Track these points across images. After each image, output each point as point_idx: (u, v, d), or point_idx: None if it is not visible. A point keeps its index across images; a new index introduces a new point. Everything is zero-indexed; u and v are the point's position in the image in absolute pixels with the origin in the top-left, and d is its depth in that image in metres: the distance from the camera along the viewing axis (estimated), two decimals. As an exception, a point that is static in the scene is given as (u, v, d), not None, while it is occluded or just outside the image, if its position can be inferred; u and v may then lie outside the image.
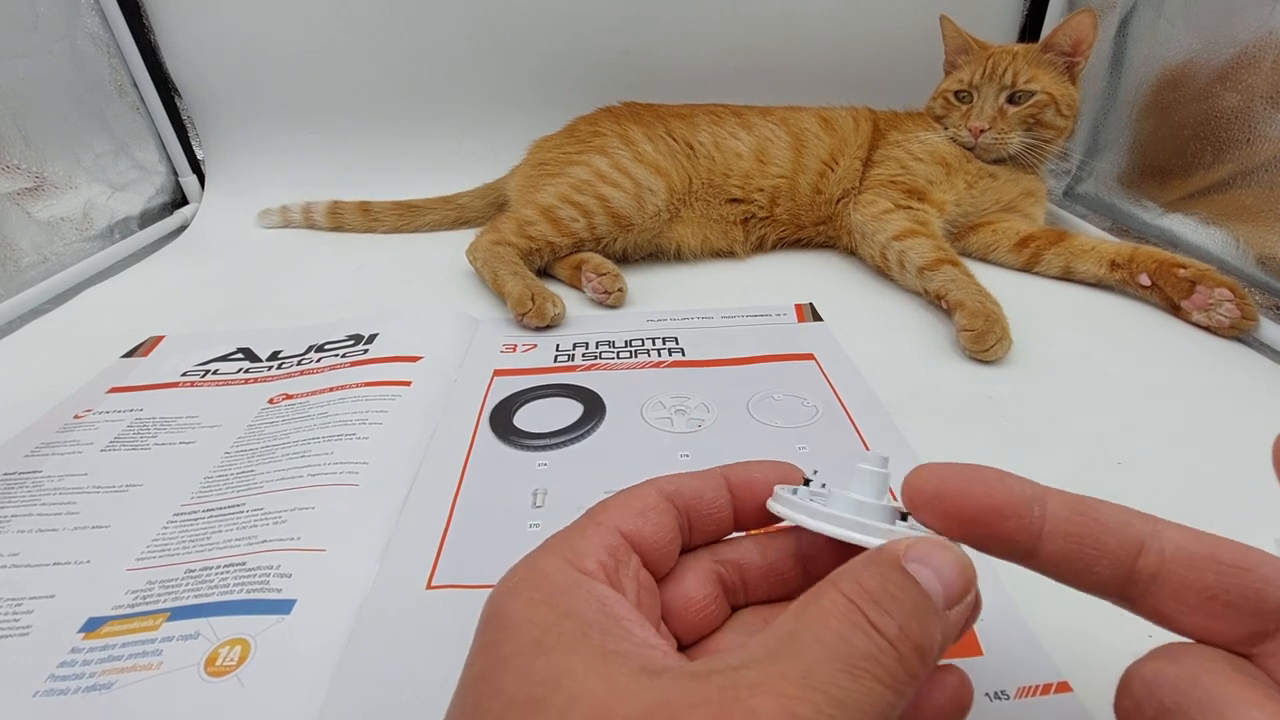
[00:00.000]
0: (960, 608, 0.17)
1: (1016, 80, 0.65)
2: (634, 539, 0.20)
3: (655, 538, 0.20)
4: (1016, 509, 0.19)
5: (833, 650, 0.15)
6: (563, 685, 0.15)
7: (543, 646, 0.16)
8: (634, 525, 0.20)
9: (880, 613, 0.16)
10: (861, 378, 0.46)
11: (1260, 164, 0.58)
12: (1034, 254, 0.63)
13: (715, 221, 0.69)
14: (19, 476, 0.39)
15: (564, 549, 0.19)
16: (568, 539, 0.19)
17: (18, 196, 0.68)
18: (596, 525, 0.20)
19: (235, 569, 0.31)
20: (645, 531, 0.20)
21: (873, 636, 0.16)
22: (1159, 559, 0.17)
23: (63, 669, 0.27)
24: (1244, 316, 0.50)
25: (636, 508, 0.21)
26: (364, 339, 0.52)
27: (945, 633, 0.17)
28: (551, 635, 0.16)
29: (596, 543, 0.19)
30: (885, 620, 0.16)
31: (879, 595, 0.16)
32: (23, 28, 0.71)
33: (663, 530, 0.21)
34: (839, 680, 0.15)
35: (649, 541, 0.20)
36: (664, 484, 0.22)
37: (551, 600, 0.17)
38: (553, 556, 0.18)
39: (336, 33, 0.83)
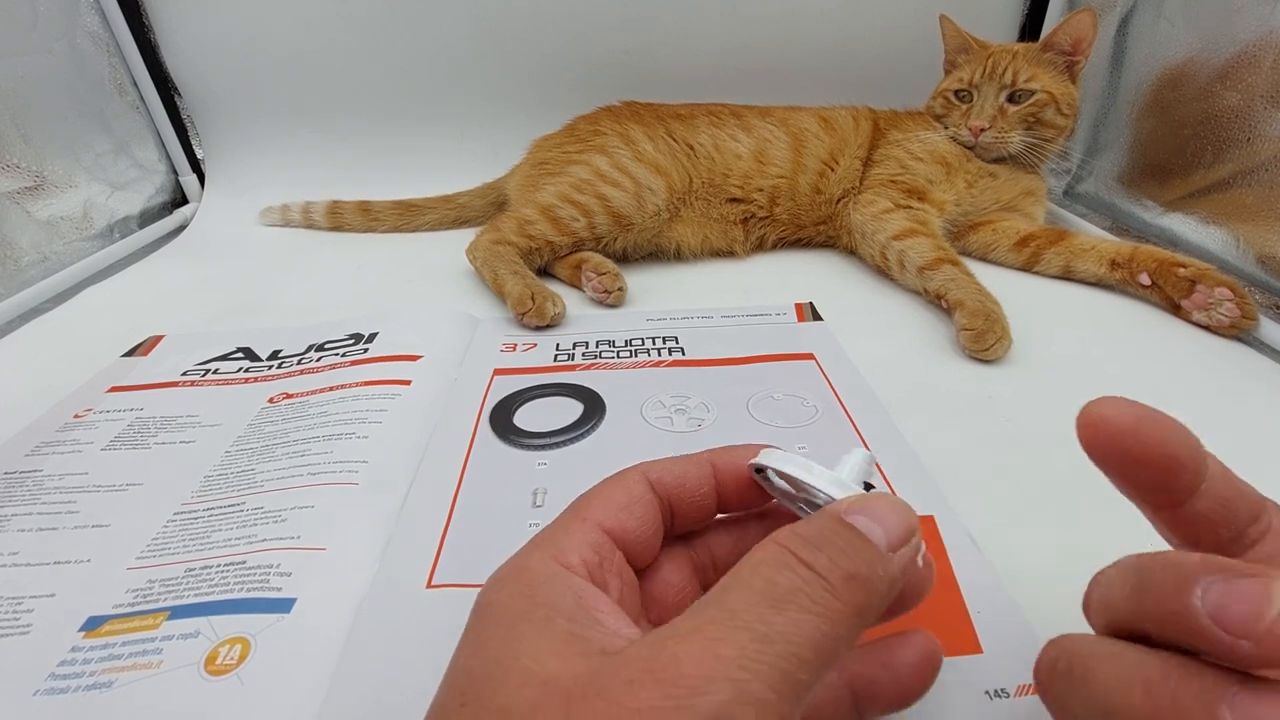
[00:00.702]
0: (905, 550, 0.17)
1: (1016, 79, 0.65)
2: (617, 534, 0.20)
3: (638, 532, 0.21)
4: (1193, 463, 0.20)
5: (758, 591, 0.16)
6: (520, 661, 0.16)
7: (513, 631, 0.17)
8: (617, 520, 0.20)
9: (811, 550, 0.16)
10: (861, 377, 0.46)
11: (1260, 163, 0.58)
12: (1034, 253, 0.63)
13: (715, 221, 0.69)
14: (19, 475, 0.39)
15: (549, 545, 0.19)
16: (554, 536, 0.20)
17: (17, 195, 0.68)
18: (581, 522, 0.20)
19: (235, 568, 0.31)
20: (628, 526, 0.21)
21: (799, 571, 0.16)
22: (1266, 527, 0.19)
23: (63, 668, 0.27)
24: (1244, 316, 0.50)
25: (620, 501, 0.21)
26: (364, 338, 0.52)
27: (888, 571, 0.17)
28: (522, 621, 0.17)
29: (580, 540, 0.20)
30: (814, 555, 0.16)
31: (812, 538, 0.17)
32: (22, 26, 0.71)
33: (645, 524, 0.21)
34: (764, 615, 0.15)
35: (632, 536, 0.20)
36: (649, 469, 0.22)
37: (529, 591, 0.18)
38: (538, 553, 0.19)
39: (337, 32, 0.83)
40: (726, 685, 0.14)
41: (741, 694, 0.14)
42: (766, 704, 0.14)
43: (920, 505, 0.34)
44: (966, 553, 0.31)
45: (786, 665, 0.14)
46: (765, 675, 0.14)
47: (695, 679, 0.14)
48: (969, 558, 0.31)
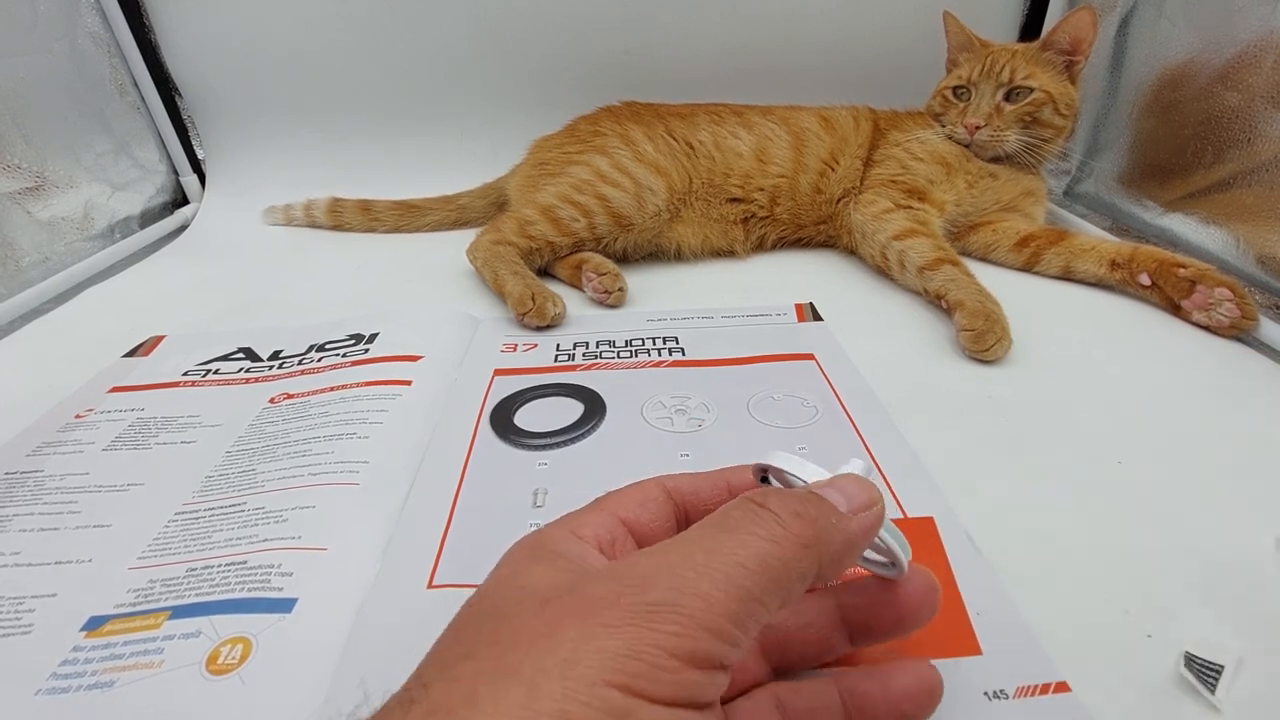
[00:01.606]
0: (866, 514, 0.20)
1: (1014, 77, 0.65)
2: (631, 525, 0.22)
3: (651, 525, 0.22)
4: None
5: (714, 522, 0.18)
6: (516, 579, 0.19)
7: (517, 567, 0.19)
8: (632, 513, 0.22)
9: (765, 496, 0.19)
10: (861, 377, 0.46)
11: (1261, 163, 0.58)
12: (1034, 253, 0.63)
13: (715, 221, 0.69)
14: (20, 476, 0.39)
15: (567, 522, 0.22)
16: (572, 515, 0.22)
17: (18, 196, 0.68)
18: (599, 509, 0.22)
19: (236, 568, 0.31)
20: (642, 519, 0.22)
21: (753, 508, 0.18)
22: None
23: (64, 667, 0.27)
24: (1244, 316, 0.50)
25: (637, 498, 0.23)
26: (365, 338, 0.52)
27: (845, 528, 0.19)
28: (528, 560, 0.20)
29: (596, 521, 0.22)
30: (767, 498, 0.19)
31: (775, 496, 0.19)
32: (22, 27, 0.71)
33: (658, 520, 0.23)
34: (714, 535, 0.18)
35: (645, 529, 0.22)
36: (666, 480, 0.24)
37: (539, 544, 0.20)
38: (556, 525, 0.21)
39: (337, 32, 0.83)
40: (673, 578, 0.16)
41: (686, 586, 0.16)
42: (708, 597, 0.16)
43: (920, 505, 0.34)
44: (966, 553, 0.31)
45: (732, 571, 0.16)
46: (710, 576, 0.16)
47: (647, 577, 0.16)
48: (968, 558, 0.31)
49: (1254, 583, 0.31)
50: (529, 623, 0.16)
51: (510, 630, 0.16)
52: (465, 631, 0.18)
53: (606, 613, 0.15)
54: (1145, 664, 0.27)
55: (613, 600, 0.16)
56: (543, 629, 0.16)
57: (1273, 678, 0.26)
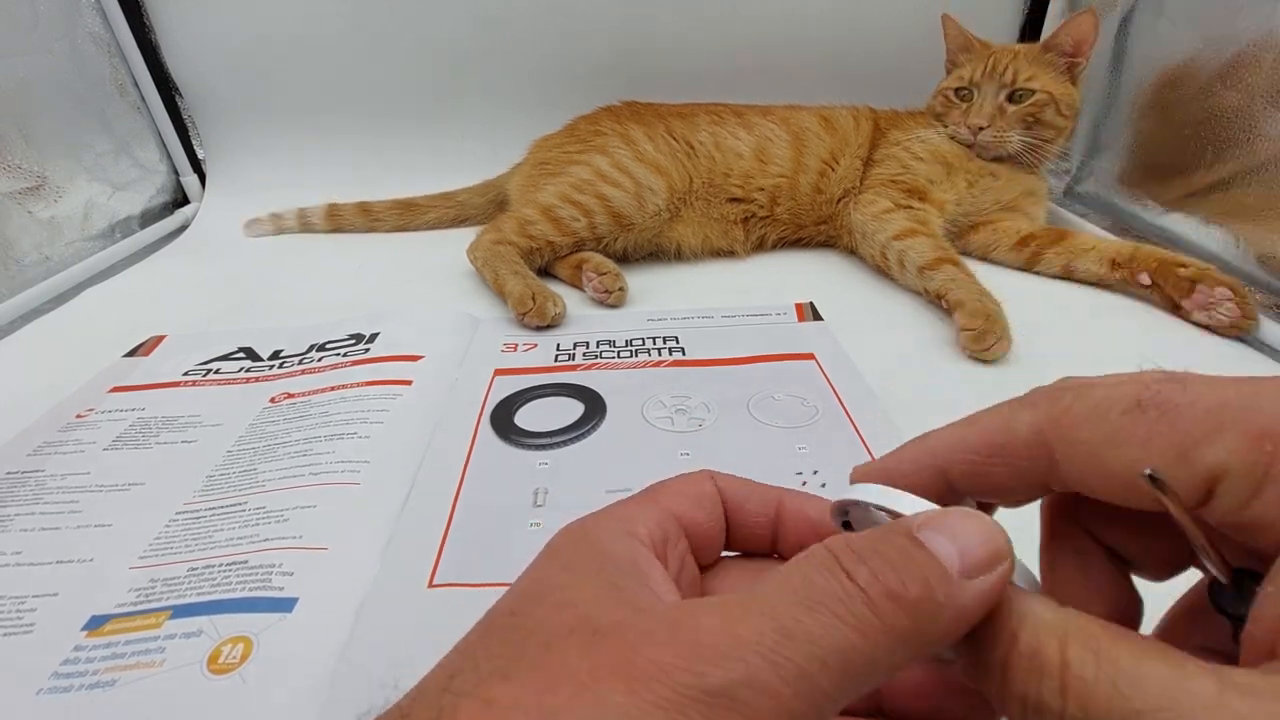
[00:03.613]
0: (987, 577, 0.15)
1: (1016, 79, 0.65)
2: (686, 523, 0.20)
3: (706, 526, 0.21)
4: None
5: (793, 588, 0.15)
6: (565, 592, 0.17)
7: (567, 568, 0.18)
8: (686, 510, 0.20)
9: (854, 559, 0.15)
10: (861, 377, 0.46)
11: (1261, 163, 0.58)
12: (1034, 253, 0.63)
13: (716, 221, 0.69)
14: (21, 475, 0.39)
15: (618, 514, 0.20)
16: (624, 507, 0.20)
17: (19, 196, 0.68)
18: (653, 502, 0.20)
19: (237, 567, 0.31)
20: (698, 519, 0.20)
21: (839, 579, 0.15)
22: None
23: (66, 666, 0.27)
24: (1244, 316, 0.50)
25: (692, 495, 0.21)
26: (365, 338, 0.52)
27: (955, 599, 0.15)
28: (578, 562, 0.18)
29: (650, 517, 0.20)
30: (856, 566, 0.15)
31: (861, 548, 0.15)
32: (23, 27, 0.71)
33: (712, 521, 0.21)
34: (792, 611, 0.14)
35: (700, 529, 0.20)
36: (717, 477, 0.22)
37: (590, 541, 0.19)
38: (606, 516, 0.20)
39: (337, 32, 0.83)
40: (738, 665, 0.14)
41: (752, 678, 0.14)
42: (777, 696, 0.14)
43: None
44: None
45: (806, 665, 0.14)
46: (780, 667, 0.14)
47: (710, 650, 0.14)
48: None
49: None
50: (574, 660, 0.15)
51: (555, 663, 0.15)
52: (503, 641, 0.16)
53: (659, 686, 0.14)
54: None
55: (668, 672, 0.14)
56: (587, 677, 0.14)
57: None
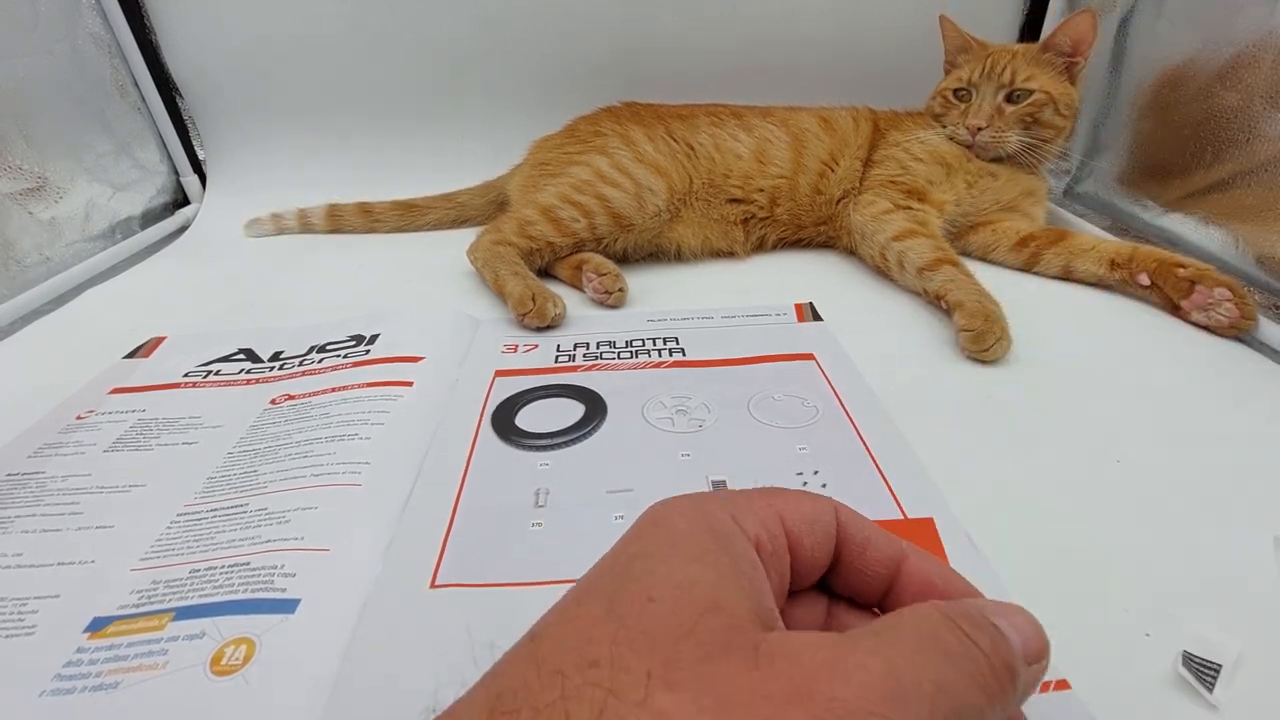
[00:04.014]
0: (1036, 667, 0.17)
1: (1015, 79, 0.65)
2: (792, 538, 0.19)
3: (810, 551, 0.20)
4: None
5: (933, 642, 0.16)
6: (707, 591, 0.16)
7: (703, 562, 0.17)
8: (798, 527, 0.19)
9: (974, 628, 0.16)
10: (861, 378, 0.46)
11: (1260, 163, 0.58)
12: (1034, 254, 0.63)
13: (715, 221, 0.69)
14: (22, 477, 0.39)
15: (729, 503, 0.19)
16: (737, 496, 0.19)
17: (19, 197, 0.68)
18: (767, 502, 0.20)
19: (239, 569, 0.31)
20: (805, 540, 0.19)
21: (967, 643, 0.16)
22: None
23: (68, 669, 0.27)
24: (1243, 316, 0.51)
25: (808, 514, 0.20)
26: (365, 339, 0.52)
27: (1026, 680, 0.17)
28: (710, 556, 0.17)
29: (762, 515, 0.19)
30: (979, 634, 0.16)
31: (973, 618, 0.17)
32: (23, 28, 0.71)
33: (819, 549, 0.20)
34: (938, 665, 0.15)
35: (803, 550, 0.19)
36: (840, 510, 0.21)
37: (714, 532, 0.18)
38: (716, 504, 0.19)
39: (338, 32, 0.83)
40: (908, 710, 0.14)
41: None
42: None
43: (920, 505, 0.34)
44: (966, 553, 0.31)
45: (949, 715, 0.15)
46: (935, 714, 0.14)
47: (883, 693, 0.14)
48: (968, 558, 0.31)
49: (1253, 582, 0.31)
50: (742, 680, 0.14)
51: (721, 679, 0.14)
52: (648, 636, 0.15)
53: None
54: (1145, 662, 0.27)
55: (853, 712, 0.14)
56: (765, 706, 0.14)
57: (1272, 677, 0.26)
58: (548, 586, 0.30)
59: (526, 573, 0.31)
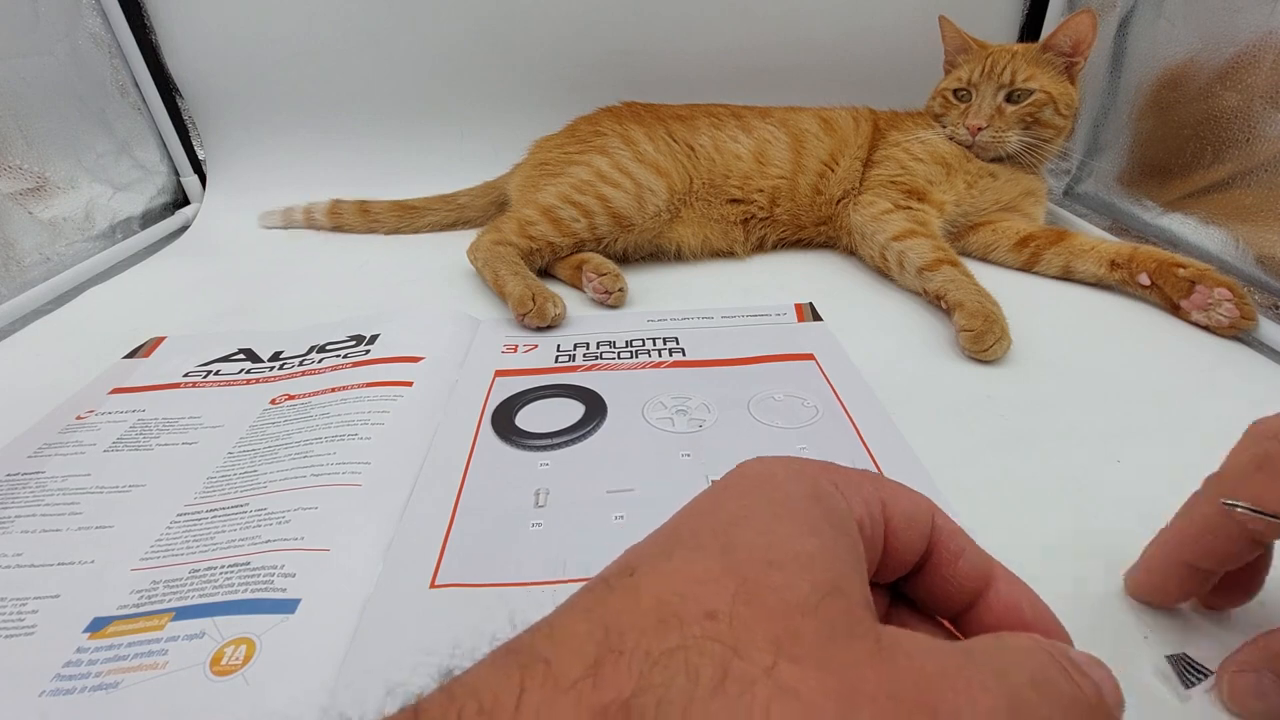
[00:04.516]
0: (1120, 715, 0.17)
1: (1015, 79, 0.65)
2: (890, 531, 0.18)
3: (904, 546, 0.19)
4: None
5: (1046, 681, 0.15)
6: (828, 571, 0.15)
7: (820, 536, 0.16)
8: (898, 521, 0.19)
9: (1080, 675, 0.16)
10: (861, 377, 0.46)
11: (1260, 163, 0.58)
12: (1034, 253, 0.63)
13: (715, 222, 0.69)
14: (22, 477, 0.39)
15: (835, 474, 0.18)
16: (840, 472, 0.18)
17: (20, 197, 0.68)
18: (876, 484, 0.19)
19: (239, 569, 0.31)
20: (901, 535, 0.19)
21: (1076, 689, 0.16)
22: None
23: (69, 669, 0.27)
24: (1243, 316, 0.51)
25: (907, 509, 0.19)
26: (365, 339, 0.52)
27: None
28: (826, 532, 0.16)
29: (868, 496, 0.18)
30: (1085, 681, 0.16)
31: (1076, 667, 0.16)
32: (23, 28, 0.71)
33: (912, 544, 0.19)
34: (1051, 704, 0.15)
35: (898, 543, 0.19)
36: (938, 514, 0.20)
37: (825, 507, 0.17)
38: (821, 471, 0.18)
39: (338, 32, 0.83)
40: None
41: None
42: None
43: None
44: None
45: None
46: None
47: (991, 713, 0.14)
48: (969, 558, 0.31)
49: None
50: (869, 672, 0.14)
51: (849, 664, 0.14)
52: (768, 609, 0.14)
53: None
54: (1145, 663, 0.27)
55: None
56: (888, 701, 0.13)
57: (1271, 677, 0.26)
58: (548, 586, 0.30)
59: (526, 573, 0.31)
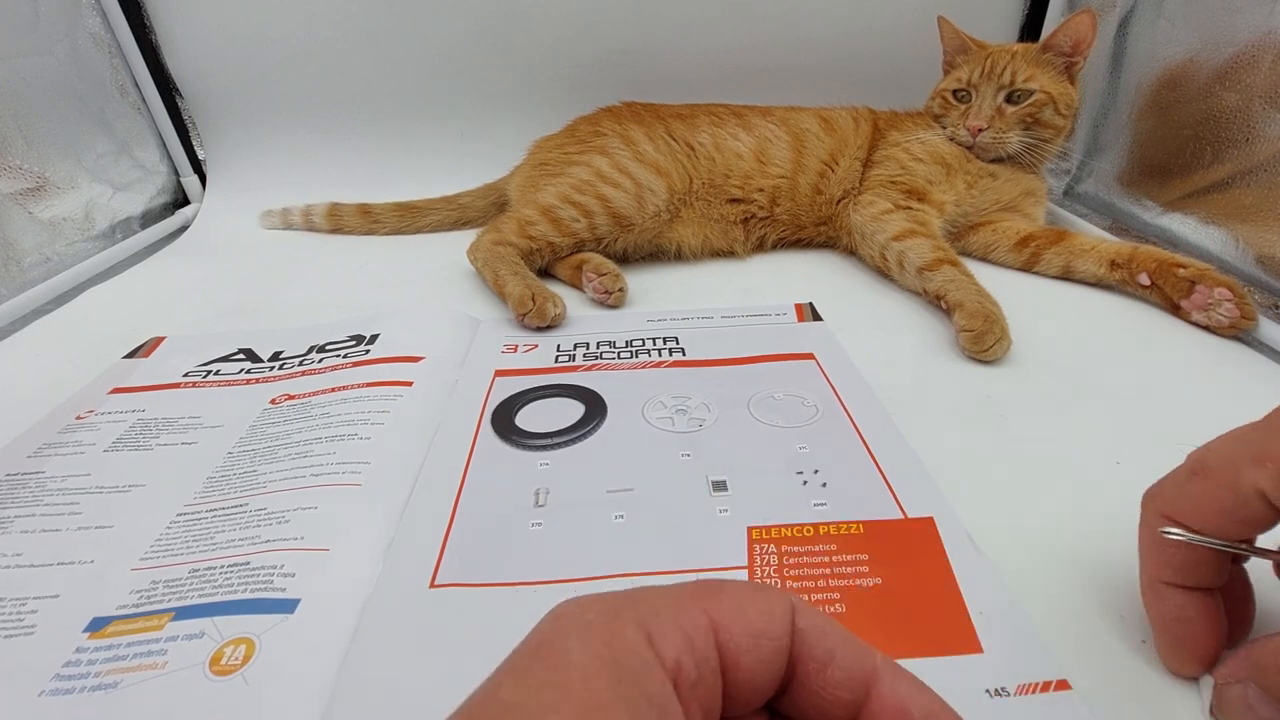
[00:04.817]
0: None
1: (1015, 79, 0.65)
2: (729, 660, 0.16)
3: (750, 676, 0.16)
4: None
5: None
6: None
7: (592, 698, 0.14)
8: (738, 643, 0.16)
9: None
10: (861, 377, 0.46)
11: (1259, 163, 0.58)
12: (1034, 254, 0.63)
13: (715, 221, 0.69)
14: (22, 477, 0.39)
15: (648, 614, 0.16)
16: (658, 604, 0.16)
17: (20, 196, 0.68)
18: (701, 612, 0.16)
19: (239, 569, 0.31)
20: (743, 662, 0.16)
21: None
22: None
23: (68, 669, 0.27)
24: (1243, 316, 0.51)
25: (752, 625, 0.16)
26: (365, 339, 0.52)
27: None
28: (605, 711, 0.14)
29: (688, 635, 0.15)
30: None
31: None
32: (23, 28, 0.71)
33: (762, 671, 0.16)
34: None
35: (741, 675, 0.16)
36: (800, 615, 0.17)
37: (618, 672, 0.14)
38: (630, 619, 0.15)
39: (338, 32, 0.83)
40: None
41: None
42: None
43: (920, 505, 0.34)
44: (966, 552, 0.31)
45: None
46: None
47: None
48: (969, 557, 0.31)
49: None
50: None
51: None
52: None
53: None
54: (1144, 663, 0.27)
55: None
56: None
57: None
58: (547, 586, 0.30)
59: (526, 572, 0.31)
